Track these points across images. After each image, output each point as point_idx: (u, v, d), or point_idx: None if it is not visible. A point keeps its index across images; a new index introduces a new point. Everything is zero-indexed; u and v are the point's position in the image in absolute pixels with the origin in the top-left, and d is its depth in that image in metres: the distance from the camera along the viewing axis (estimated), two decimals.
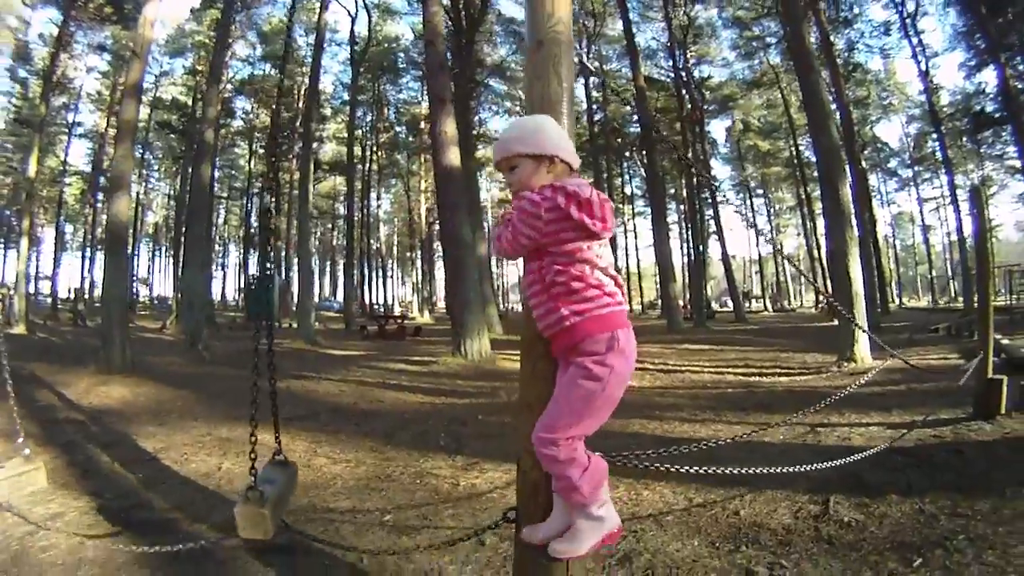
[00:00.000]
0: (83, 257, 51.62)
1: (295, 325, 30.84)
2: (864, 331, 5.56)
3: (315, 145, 27.62)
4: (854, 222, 13.13)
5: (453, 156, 14.40)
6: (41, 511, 4.51)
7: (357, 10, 33.20)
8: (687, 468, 2.84)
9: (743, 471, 3.13)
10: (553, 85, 2.11)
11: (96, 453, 6.47)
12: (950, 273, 60.31)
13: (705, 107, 40.70)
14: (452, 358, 14.15)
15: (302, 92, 42.81)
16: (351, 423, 7.86)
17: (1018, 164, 35.03)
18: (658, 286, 50.18)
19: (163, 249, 70.26)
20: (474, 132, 31.01)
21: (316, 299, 28.57)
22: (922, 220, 60.71)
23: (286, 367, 13.98)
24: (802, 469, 3.36)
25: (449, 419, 7.90)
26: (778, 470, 3.30)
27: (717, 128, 45.54)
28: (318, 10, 27.84)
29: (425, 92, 46.11)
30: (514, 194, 2.26)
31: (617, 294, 2.14)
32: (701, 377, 11.34)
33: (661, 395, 9.41)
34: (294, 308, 36.24)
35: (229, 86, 40.36)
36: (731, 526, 3.80)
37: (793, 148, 44.37)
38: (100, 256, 63.88)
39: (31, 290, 25.66)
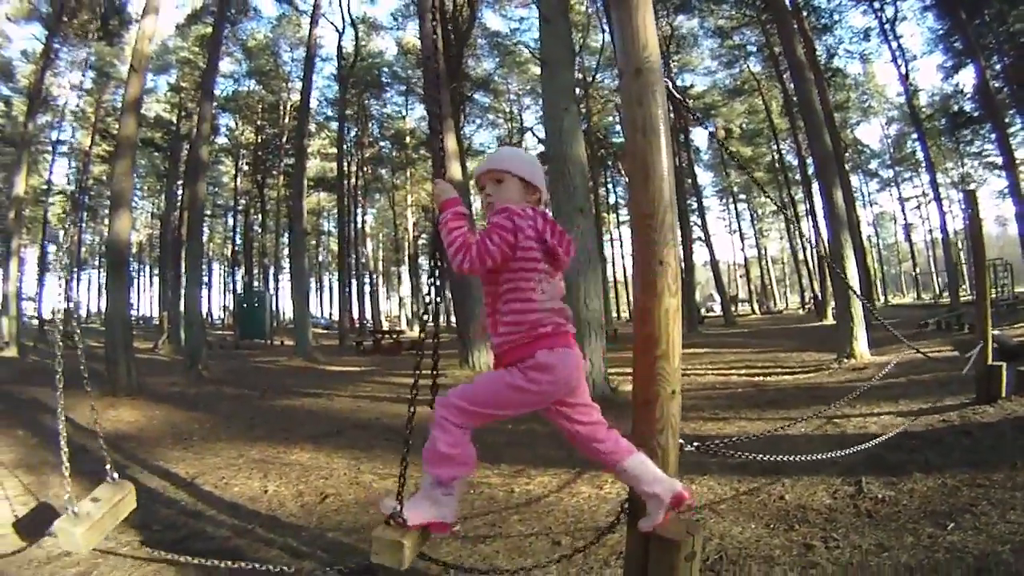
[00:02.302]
0: (68, 277, 51.09)
1: (287, 342, 30.81)
2: (896, 333, 5.80)
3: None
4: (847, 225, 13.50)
5: (455, 170, 14.51)
6: None
7: (344, 26, 33.24)
8: (759, 456, 3.10)
9: (808, 458, 3.41)
10: (654, 109, 2.27)
11: (128, 481, 6.31)
12: (933, 270, 60.66)
13: (688, 115, 40.77)
14: (460, 370, 14.18)
15: (288, 108, 42.74)
16: (381, 438, 7.82)
17: (997, 160, 35.58)
18: None
19: (147, 268, 69.69)
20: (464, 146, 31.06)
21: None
22: (904, 219, 61.06)
23: (293, 385, 13.95)
24: (853, 450, 3.64)
25: (476, 430, 7.79)
26: (833, 454, 3.58)
27: (699, 136, 46.42)
28: (308, 27, 27.98)
29: (409, 107, 46.03)
30: (490, 207, 2.50)
31: (555, 322, 2.38)
32: (707, 379, 11.53)
33: None
34: (274, 324, 36.25)
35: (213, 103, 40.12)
36: (779, 509, 4.06)
37: (776, 153, 44.54)
38: (85, 276, 63.63)
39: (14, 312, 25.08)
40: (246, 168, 49.72)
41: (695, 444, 2.44)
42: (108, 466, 3.92)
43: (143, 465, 6.96)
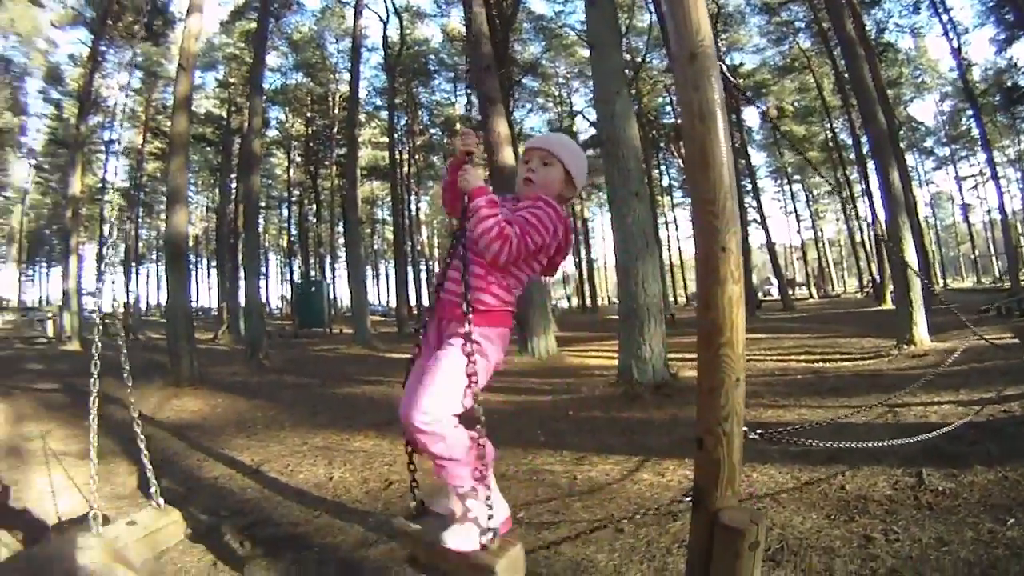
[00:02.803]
0: (126, 272, 52.38)
1: (345, 330, 31.08)
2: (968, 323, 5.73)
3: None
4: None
5: (508, 155, 14.48)
6: None
7: (388, 15, 33.32)
8: (827, 443, 3.13)
9: (869, 445, 3.44)
10: (710, 94, 2.28)
11: (194, 468, 6.51)
12: (993, 252, 59.03)
13: (741, 96, 40.33)
14: (519, 357, 14.18)
15: (337, 99, 43.10)
16: None
17: None
18: None
19: (203, 260, 70.98)
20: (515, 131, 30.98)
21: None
22: (961, 199, 59.41)
23: (353, 373, 14.04)
24: (914, 440, 3.63)
25: (539, 417, 7.88)
26: (894, 443, 3.58)
27: (751, 115, 45.11)
28: (352, 18, 28.19)
29: (458, 93, 46.14)
30: (528, 183, 2.60)
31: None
32: (767, 365, 11.34)
33: None
34: (332, 313, 36.60)
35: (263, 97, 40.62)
36: (840, 500, 4.03)
37: (829, 132, 43.63)
38: (143, 270, 65.13)
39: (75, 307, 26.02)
40: (298, 159, 50.36)
41: (759, 432, 2.46)
42: (154, 489, 3.97)
43: (208, 453, 7.15)
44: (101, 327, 3.67)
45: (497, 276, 2.45)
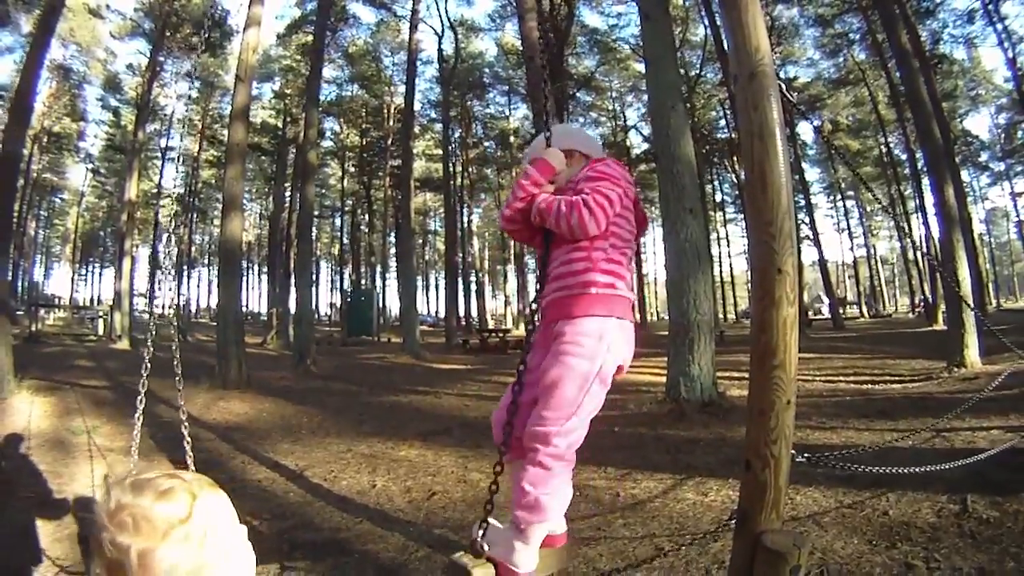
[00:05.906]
0: (178, 275, 53.42)
1: (394, 339, 31.30)
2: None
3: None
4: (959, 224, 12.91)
5: None
6: None
7: (443, 29, 33.58)
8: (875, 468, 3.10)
9: (914, 470, 3.38)
10: (769, 114, 2.27)
11: (238, 470, 6.59)
12: None
13: (796, 111, 39.53)
14: None
15: (392, 111, 43.51)
16: (488, 437, 7.28)
17: None
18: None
19: (255, 266, 72.02)
20: None
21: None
22: (1017, 216, 57.79)
23: (401, 382, 14.11)
24: (959, 464, 3.58)
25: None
26: (939, 468, 3.53)
27: (805, 129, 44.29)
28: (407, 32, 28.56)
29: (512, 106, 46.33)
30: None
31: None
32: (815, 386, 11.18)
33: None
34: (381, 322, 36.85)
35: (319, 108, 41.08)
36: (883, 525, 3.98)
37: (884, 146, 42.90)
38: (195, 273, 66.47)
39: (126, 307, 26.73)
40: (352, 170, 51.16)
41: (806, 455, 2.46)
42: None
43: (253, 456, 7.26)
44: (154, 329, 3.74)
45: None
